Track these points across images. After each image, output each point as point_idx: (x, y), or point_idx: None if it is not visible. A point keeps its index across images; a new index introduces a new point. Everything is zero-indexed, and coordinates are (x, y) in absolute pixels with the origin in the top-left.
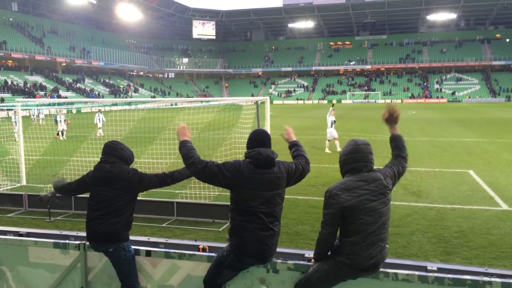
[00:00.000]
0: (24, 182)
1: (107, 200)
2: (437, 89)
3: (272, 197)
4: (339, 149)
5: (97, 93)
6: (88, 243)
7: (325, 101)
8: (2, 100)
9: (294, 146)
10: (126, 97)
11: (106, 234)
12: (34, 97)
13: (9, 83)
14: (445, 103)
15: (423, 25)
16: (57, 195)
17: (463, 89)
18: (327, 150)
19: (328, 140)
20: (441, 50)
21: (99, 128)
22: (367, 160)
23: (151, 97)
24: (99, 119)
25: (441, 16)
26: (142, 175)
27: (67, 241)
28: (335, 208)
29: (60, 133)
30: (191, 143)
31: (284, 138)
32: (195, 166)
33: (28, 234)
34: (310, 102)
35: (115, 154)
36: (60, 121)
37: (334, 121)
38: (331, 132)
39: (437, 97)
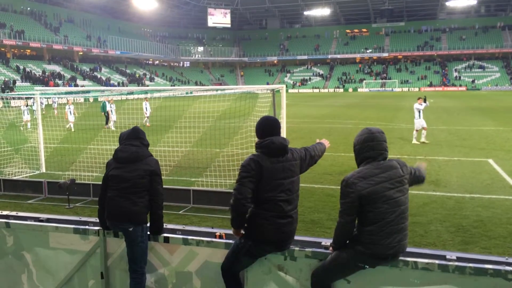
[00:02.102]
0: (43, 169)
1: (129, 180)
2: (456, 77)
3: (289, 184)
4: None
5: (116, 82)
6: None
7: (341, 90)
8: (12, 89)
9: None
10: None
11: (127, 213)
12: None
13: (25, 71)
14: (464, 91)
15: (442, 11)
16: (76, 181)
17: (482, 77)
18: (414, 141)
19: (416, 131)
20: (460, 37)
21: (147, 117)
22: (382, 148)
23: (171, 85)
24: (146, 107)
25: (461, 2)
26: (158, 174)
27: (86, 226)
28: (353, 197)
29: (111, 124)
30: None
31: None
32: (233, 204)
33: (48, 220)
34: (326, 90)
35: (141, 139)
36: (111, 111)
37: (421, 111)
38: (420, 122)
39: (456, 85)
